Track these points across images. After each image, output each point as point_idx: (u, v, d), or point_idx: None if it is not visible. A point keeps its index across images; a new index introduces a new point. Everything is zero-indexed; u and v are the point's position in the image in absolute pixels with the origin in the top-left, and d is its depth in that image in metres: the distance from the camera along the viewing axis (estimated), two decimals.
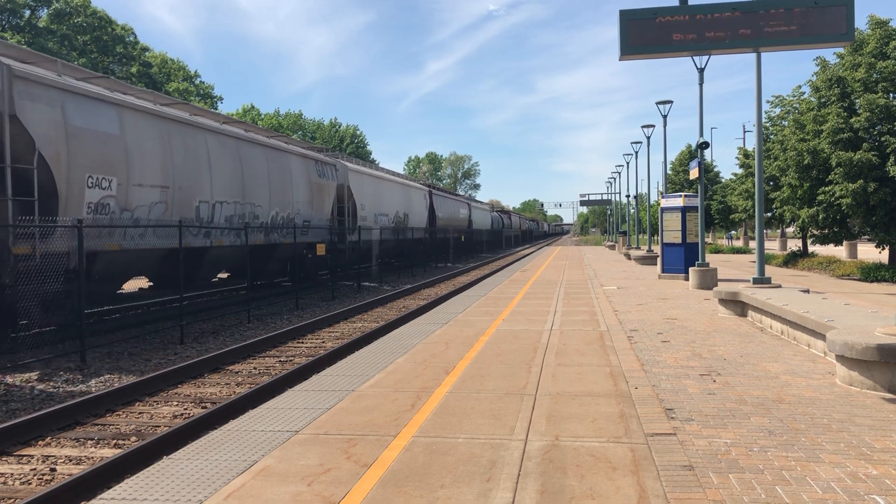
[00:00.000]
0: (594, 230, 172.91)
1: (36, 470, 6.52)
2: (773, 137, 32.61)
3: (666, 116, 26.91)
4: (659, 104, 26.92)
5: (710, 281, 17.85)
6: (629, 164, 55.40)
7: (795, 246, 37.72)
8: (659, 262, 23.07)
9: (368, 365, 8.26)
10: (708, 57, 18.73)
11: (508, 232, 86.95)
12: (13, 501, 5.71)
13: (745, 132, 72.30)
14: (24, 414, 8.34)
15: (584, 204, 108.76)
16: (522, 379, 7.37)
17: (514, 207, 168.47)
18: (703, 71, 18.92)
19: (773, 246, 47.75)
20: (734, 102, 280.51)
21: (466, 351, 9.07)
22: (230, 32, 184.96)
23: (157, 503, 4.21)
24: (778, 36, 8.60)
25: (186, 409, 8.74)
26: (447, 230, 44.56)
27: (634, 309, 13.83)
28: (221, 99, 64.77)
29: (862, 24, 25.73)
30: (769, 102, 33.75)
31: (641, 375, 7.49)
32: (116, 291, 16.14)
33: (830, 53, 28.02)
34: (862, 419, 5.81)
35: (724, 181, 52.07)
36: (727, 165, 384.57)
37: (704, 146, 18.71)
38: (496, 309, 13.87)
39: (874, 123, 24.13)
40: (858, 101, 24.58)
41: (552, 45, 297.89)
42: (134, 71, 50.49)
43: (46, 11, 47.35)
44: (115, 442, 7.38)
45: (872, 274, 24.06)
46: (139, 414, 8.53)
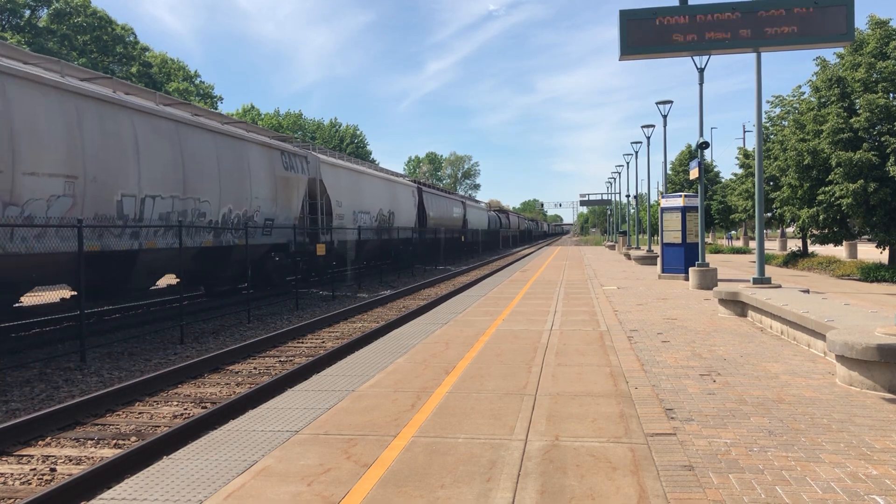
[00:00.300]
0: (594, 230, 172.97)
1: (36, 470, 6.52)
2: (773, 137, 32.63)
3: (666, 116, 26.93)
4: (659, 104, 26.93)
5: (710, 281, 17.85)
6: (629, 164, 55.51)
7: (795, 246, 37.72)
8: (659, 262, 23.08)
9: (368, 365, 8.27)
10: (708, 57, 18.74)
11: (506, 232, 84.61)
12: (13, 501, 5.71)
13: (745, 132, 72.31)
14: (24, 414, 8.34)
15: (584, 204, 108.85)
16: (522, 379, 7.37)
17: (514, 207, 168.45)
18: (703, 71, 18.92)
19: (773, 246, 47.76)
20: (734, 102, 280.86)
21: (466, 351, 9.08)
22: (230, 32, 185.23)
23: (157, 503, 4.21)
24: (778, 36, 8.61)
25: (186, 409, 8.74)
26: (438, 230, 42.25)
27: (634, 309, 13.83)
28: (221, 99, 64.85)
29: (862, 24, 25.78)
30: (769, 102, 33.81)
31: (641, 375, 7.49)
32: (13, 305, 13.35)
33: (830, 53, 28.07)
34: (862, 419, 5.81)
35: (724, 181, 52.10)
36: (727, 165, 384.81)
37: (704, 146, 18.72)
38: (496, 309, 13.87)
39: (874, 123, 24.14)
40: (858, 101, 24.58)
41: (552, 45, 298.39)
42: (134, 71, 50.50)
43: (46, 11, 47.37)
44: (115, 442, 7.38)
45: (872, 274, 24.07)
46: (139, 414, 8.54)
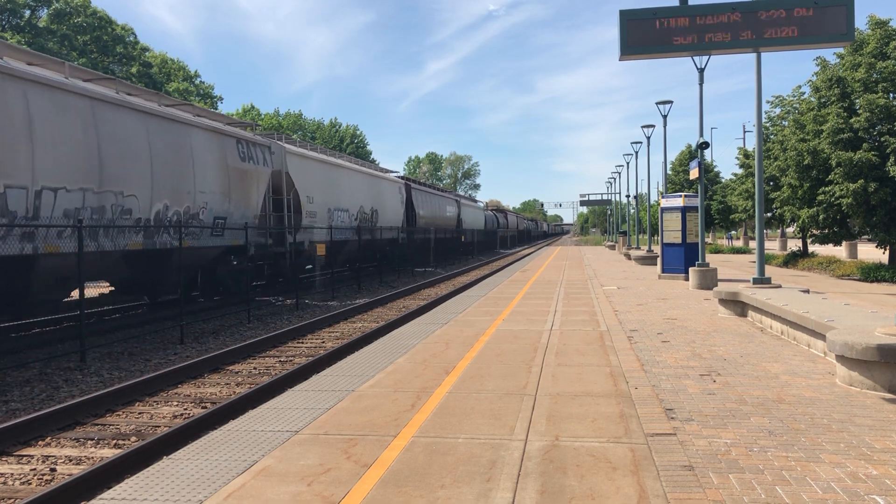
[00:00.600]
0: (594, 230, 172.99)
1: (36, 470, 6.52)
2: (773, 137, 32.63)
3: (666, 116, 26.93)
4: (659, 104, 26.93)
5: (710, 281, 17.85)
6: (629, 164, 55.51)
7: (795, 246, 37.73)
8: (659, 262, 23.07)
9: (368, 365, 8.27)
10: (708, 57, 18.73)
11: (504, 232, 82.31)
12: (13, 501, 5.71)
13: (745, 132, 72.36)
14: (24, 414, 8.35)
15: (584, 204, 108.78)
16: (522, 379, 7.37)
17: (514, 207, 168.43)
18: (703, 71, 18.92)
19: (773, 246, 47.76)
20: (734, 102, 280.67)
21: (466, 351, 9.08)
22: (230, 32, 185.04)
23: (157, 503, 4.21)
24: (778, 36, 8.61)
25: (186, 409, 8.74)
26: (429, 230, 39.79)
27: (634, 309, 13.83)
28: (221, 99, 64.85)
29: (862, 24, 25.78)
30: (769, 102, 33.82)
31: (641, 375, 7.49)
32: None
33: (830, 53, 28.07)
34: (862, 419, 5.81)
35: (724, 181, 52.10)
36: (727, 165, 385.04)
37: (704, 146, 18.72)
38: (496, 309, 13.87)
39: (874, 123, 24.14)
40: (858, 101, 24.59)
41: (552, 45, 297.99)
42: (134, 71, 50.50)
43: (46, 11, 47.37)
44: (115, 442, 7.38)
45: (872, 274, 24.07)
46: (139, 414, 8.54)
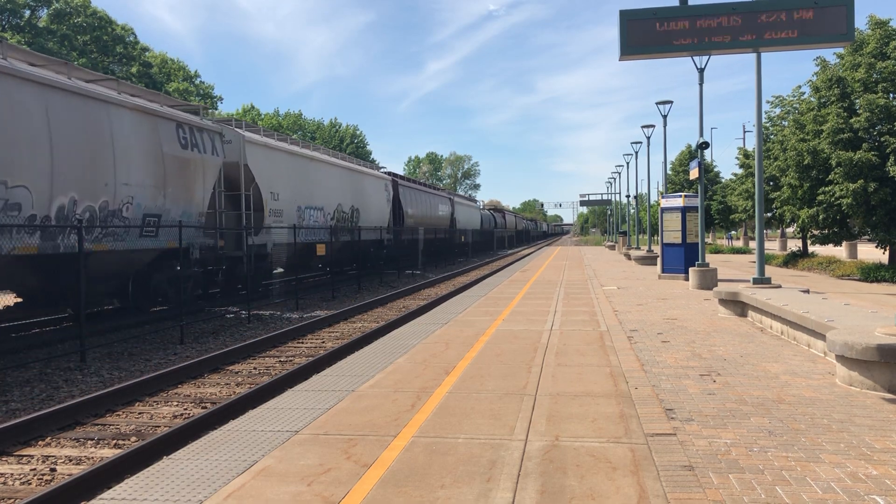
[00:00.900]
0: (594, 230, 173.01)
1: (36, 470, 6.52)
2: (773, 137, 32.63)
3: (666, 116, 26.94)
4: (659, 104, 26.94)
5: (710, 281, 17.85)
6: (629, 164, 55.53)
7: (795, 246, 37.73)
8: (659, 262, 23.08)
9: (368, 365, 8.27)
10: (708, 57, 18.74)
11: (502, 232, 79.78)
12: (13, 501, 5.71)
13: (745, 132, 72.41)
14: (24, 414, 8.35)
15: (584, 204, 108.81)
16: (522, 379, 7.37)
17: (514, 207, 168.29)
18: (703, 71, 18.92)
19: (773, 246, 47.76)
20: (734, 102, 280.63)
21: (466, 351, 9.08)
22: (230, 32, 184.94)
23: (157, 503, 4.21)
24: (778, 36, 8.61)
25: (186, 409, 8.74)
26: (417, 230, 37.06)
27: (634, 309, 13.83)
28: (221, 99, 64.82)
29: (862, 24, 25.78)
30: (769, 102, 33.81)
31: (641, 375, 7.49)
32: None
33: (830, 53, 28.08)
34: (862, 419, 5.81)
35: (724, 181, 52.10)
36: (727, 165, 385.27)
37: (704, 146, 18.72)
38: (496, 309, 13.87)
39: (874, 123, 24.14)
40: (858, 101, 24.59)
41: (552, 45, 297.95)
42: (134, 71, 50.50)
43: (46, 11, 47.37)
44: (115, 442, 7.38)
45: (872, 274, 24.07)
46: (139, 414, 8.54)
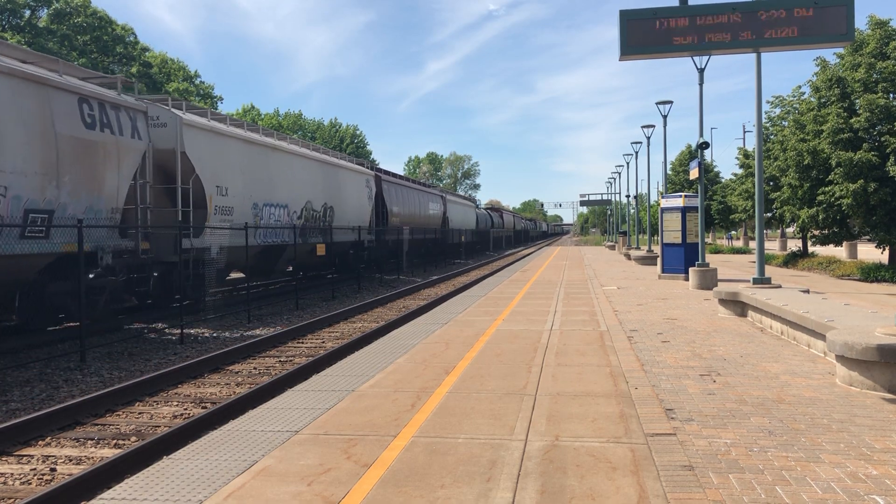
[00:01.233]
0: (594, 230, 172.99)
1: (36, 470, 6.52)
2: (773, 137, 32.62)
3: (666, 116, 26.94)
4: (659, 104, 26.94)
5: (710, 281, 17.85)
6: (629, 164, 55.50)
7: (795, 246, 37.73)
8: (659, 262, 23.08)
9: (368, 365, 8.27)
10: (708, 57, 18.73)
11: (499, 232, 76.87)
12: (13, 501, 5.71)
13: (745, 132, 72.43)
14: (24, 414, 8.35)
15: (584, 204, 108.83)
16: (522, 379, 7.37)
17: (514, 207, 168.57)
18: (703, 71, 18.92)
19: (773, 246, 47.76)
20: (734, 102, 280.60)
21: (466, 351, 9.07)
22: (230, 32, 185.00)
23: (157, 503, 4.21)
24: (778, 36, 8.61)
25: (186, 409, 8.74)
26: (402, 230, 33.95)
27: (634, 309, 13.83)
28: (221, 99, 64.78)
29: (862, 24, 25.78)
30: (769, 102, 33.80)
31: (641, 375, 7.49)
32: None
33: (830, 54, 28.07)
34: (862, 419, 5.81)
35: (724, 181, 52.09)
36: (727, 165, 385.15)
37: (704, 146, 18.72)
38: (496, 309, 13.87)
39: (874, 123, 24.14)
40: (858, 101, 24.59)
41: (552, 45, 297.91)
42: (134, 71, 50.47)
43: (46, 11, 47.33)
44: (115, 442, 7.38)
45: (872, 274, 24.07)
46: (139, 414, 8.54)
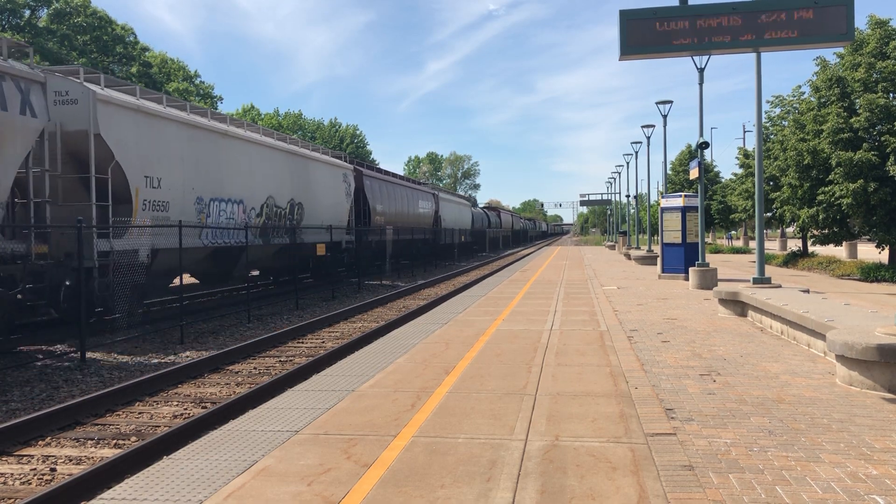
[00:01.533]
0: (594, 230, 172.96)
1: (36, 470, 6.52)
2: (773, 137, 32.61)
3: (666, 116, 26.93)
4: (659, 104, 26.93)
5: (710, 281, 17.85)
6: (629, 164, 55.49)
7: (795, 246, 37.72)
8: (659, 262, 23.07)
9: (368, 365, 8.27)
10: (708, 57, 18.73)
11: (496, 232, 73.60)
12: (13, 501, 5.71)
13: (745, 132, 72.26)
14: (24, 414, 8.35)
15: (584, 204, 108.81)
16: (522, 379, 7.37)
17: (514, 207, 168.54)
18: (703, 71, 18.92)
19: (773, 246, 47.75)
20: (734, 102, 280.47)
21: (466, 351, 9.07)
22: (230, 32, 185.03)
23: (157, 503, 4.21)
24: (778, 36, 8.61)
25: (186, 409, 8.74)
26: (385, 230, 30.82)
27: (634, 309, 13.83)
28: (221, 99, 64.78)
29: (862, 24, 25.77)
30: (769, 102, 33.78)
31: (641, 375, 7.49)
32: None
33: (830, 53, 28.06)
34: (862, 419, 5.81)
35: (724, 181, 52.08)
36: (727, 165, 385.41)
37: (704, 146, 18.72)
38: (496, 309, 13.87)
39: (874, 123, 24.14)
40: (858, 101, 24.58)
41: (552, 45, 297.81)
42: (134, 71, 50.46)
43: (46, 11, 47.32)
44: (115, 442, 7.38)
45: (872, 274, 24.07)
46: (139, 414, 8.54)
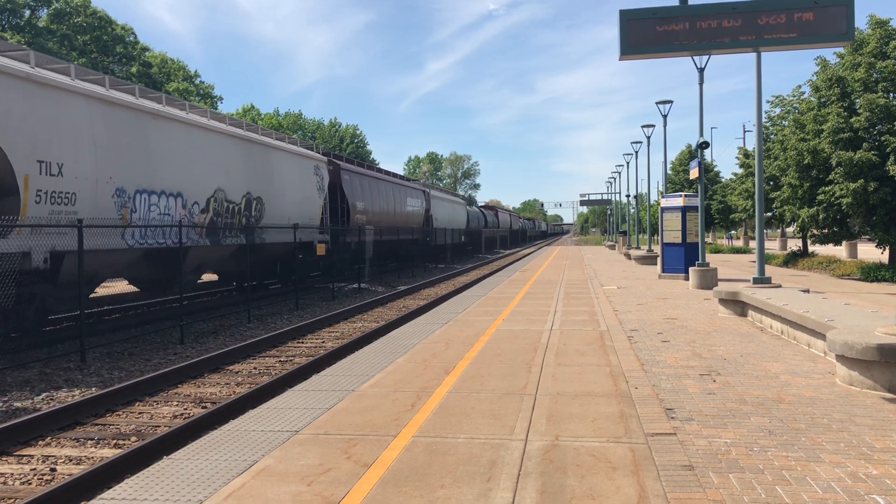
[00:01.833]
0: (594, 230, 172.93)
1: (36, 470, 6.52)
2: (773, 137, 32.60)
3: (666, 116, 26.94)
4: (659, 104, 26.94)
5: (710, 281, 17.84)
6: (629, 164, 55.43)
7: (795, 246, 37.71)
8: (659, 261, 23.07)
9: (368, 365, 8.27)
10: (708, 57, 18.73)
11: (493, 232, 69.99)
12: (13, 501, 5.70)
13: (745, 132, 72.12)
14: (24, 414, 8.34)
15: (584, 204, 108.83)
16: (522, 379, 7.37)
17: (514, 207, 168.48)
18: (703, 71, 18.92)
19: (773, 246, 47.74)
20: (734, 102, 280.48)
21: (466, 351, 9.07)
22: (230, 32, 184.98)
23: (157, 503, 4.21)
24: (778, 36, 8.60)
25: (186, 409, 8.74)
26: (364, 230, 27.46)
27: (634, 309, 13.83)
28: (221, 99, 64.81)
29: (862, 23, 25.76)
30: (769, 102, 33.74)
31: (641, 375, 7.49)
32: None
33: (830, 53, 28.05)
34: (862, 419, 5.81)
35: (724, 181, 52.06)
36: (727, 165, 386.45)
37: (704, 146, 18.72)
38: (496, 309, 13.87)
39: (874, 123, 24.13)
40: (858, 100, 24.57)
41: (552, 45, 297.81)
42: (134, 71, 50.47)
43: (46, 11, 47.34)
44: (115, 442, 7.38)
45: (872, 274, 24.05)
46: (139, 414, 8.53)
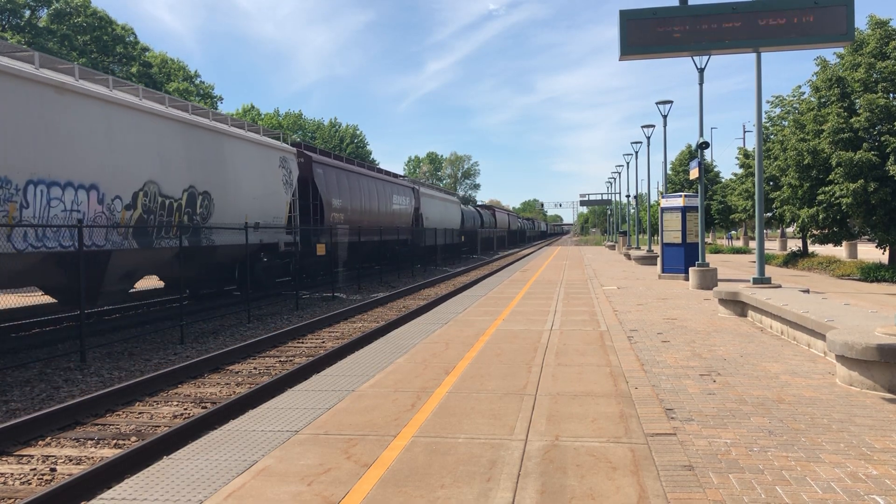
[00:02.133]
0: (594, 230, 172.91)
1: (36, 470, 6.52)
2: (773, 137, 32.60)
3: (666, 116, 26.93)
4: (659, 104, 26.93)
5: (710, 281, 17.85)
6: (629, 164, 55.43)
7: (795, 246, 37.71)
8: (659, 262, 23.07)
9: (368, 365, 8.27)
10: (708, 57, 18.73)
11: (490, 232, 67.42)
12: (13, 501, 5.71)
13: (745, 132, 72.30)
14: (24, 414, 8.35)
15: (584, 204, 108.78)
16: (522, 379, 7.37)
17: (514, 207, 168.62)
18: (703, 71, 18.92)
19: (773, 246, 47.75)
20: (734, 102, 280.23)
21: (466, 351, 9.07)
22: (230, 32, 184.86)
23: (157, 503, 4.21)
24: (778, 36, 8.60)
25: (186, 409, 8.74)
26: (336, 230, 24.92)
27: (634, 309, 13.83)
28: (221, 99, 64.81)
29: (862, 24, 25.77)
30: (769, 102, 33.77)
31: (641, 375, 7.49)
32: None
33: (830, 53, 28.06)
34: (862, 419, 5.81)
35: (724, 181, 52.06)
36: (727, 165, 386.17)
37: (704, 146, 18.71)
38: (496, 309, 13.87)
39: (874, 123, 24.13)
40: (858, 101, 24.58)
41: (552, 45, 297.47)
42: (134, 71, 50.47)
43: (46, 11, 47.33)
44: (115, 442, 7.38)
45: (872, 274, 24.06)
46: (139, 414, 8.54)
